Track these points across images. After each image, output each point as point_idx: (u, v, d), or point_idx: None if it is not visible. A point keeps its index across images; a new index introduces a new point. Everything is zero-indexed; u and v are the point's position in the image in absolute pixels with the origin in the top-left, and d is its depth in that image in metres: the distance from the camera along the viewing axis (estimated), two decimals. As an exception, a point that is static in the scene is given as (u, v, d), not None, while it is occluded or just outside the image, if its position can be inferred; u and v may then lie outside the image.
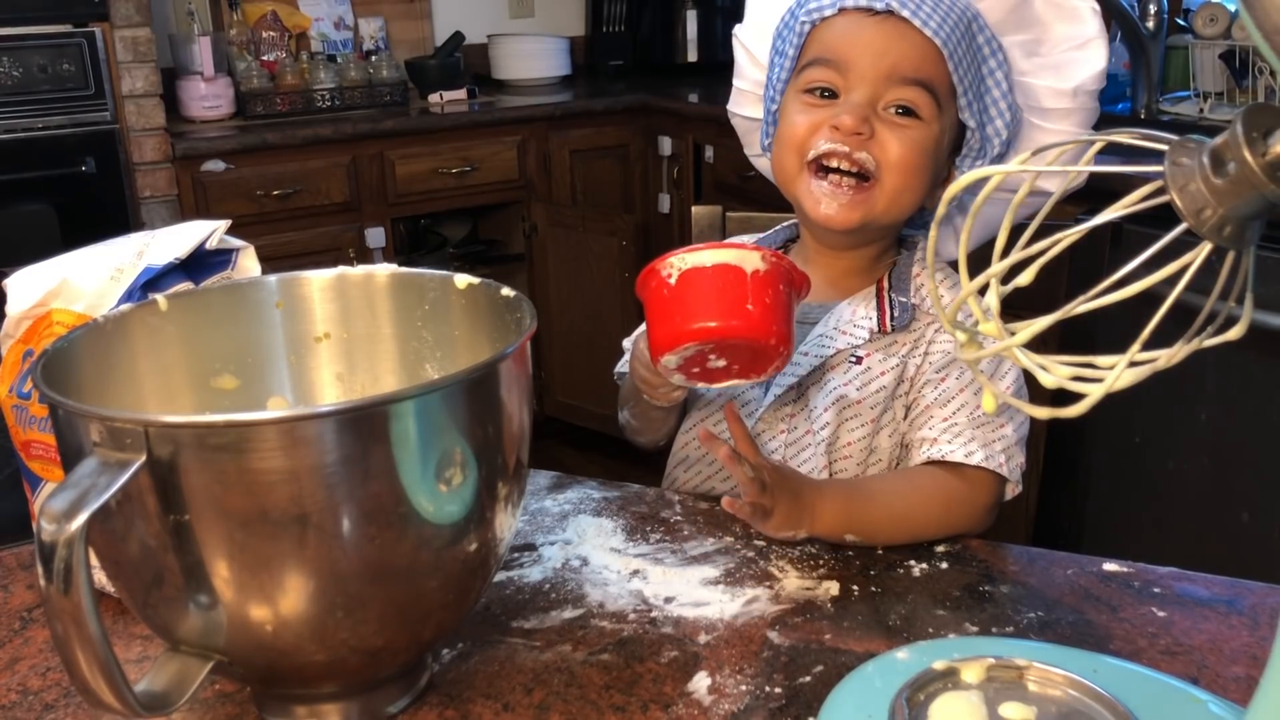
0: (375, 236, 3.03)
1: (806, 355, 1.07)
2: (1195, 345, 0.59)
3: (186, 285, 0.88)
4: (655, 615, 0.87)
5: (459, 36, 3.38)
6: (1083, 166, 0.65)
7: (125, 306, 0.82)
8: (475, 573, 0.73)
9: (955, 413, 1.02)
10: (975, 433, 1.00)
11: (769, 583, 0.91)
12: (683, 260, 0.91)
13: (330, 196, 2.98)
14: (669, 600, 0.89)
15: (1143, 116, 2.50)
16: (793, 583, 0.91)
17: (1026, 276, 0.63)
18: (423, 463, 0.66)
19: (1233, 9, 2.35)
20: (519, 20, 3.78)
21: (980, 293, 0.63)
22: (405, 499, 0.66)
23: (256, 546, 0.64)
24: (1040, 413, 0.62)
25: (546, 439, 3.26)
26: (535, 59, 3.56)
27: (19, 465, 0.90)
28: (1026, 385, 1.06)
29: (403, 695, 0.77)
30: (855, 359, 1.06)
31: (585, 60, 3.82)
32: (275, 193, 2.89)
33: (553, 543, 0.98)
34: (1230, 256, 0.57)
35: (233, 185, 2.85)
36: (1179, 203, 0.54)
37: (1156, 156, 0.57)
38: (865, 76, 1.02)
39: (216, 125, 3.01)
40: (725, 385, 0.96)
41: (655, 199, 3.36)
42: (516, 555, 0.96)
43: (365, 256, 3.00)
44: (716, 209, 1.45)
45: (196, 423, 0.63)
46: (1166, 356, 0.58)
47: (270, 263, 0.92)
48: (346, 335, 0.88)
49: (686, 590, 0.90)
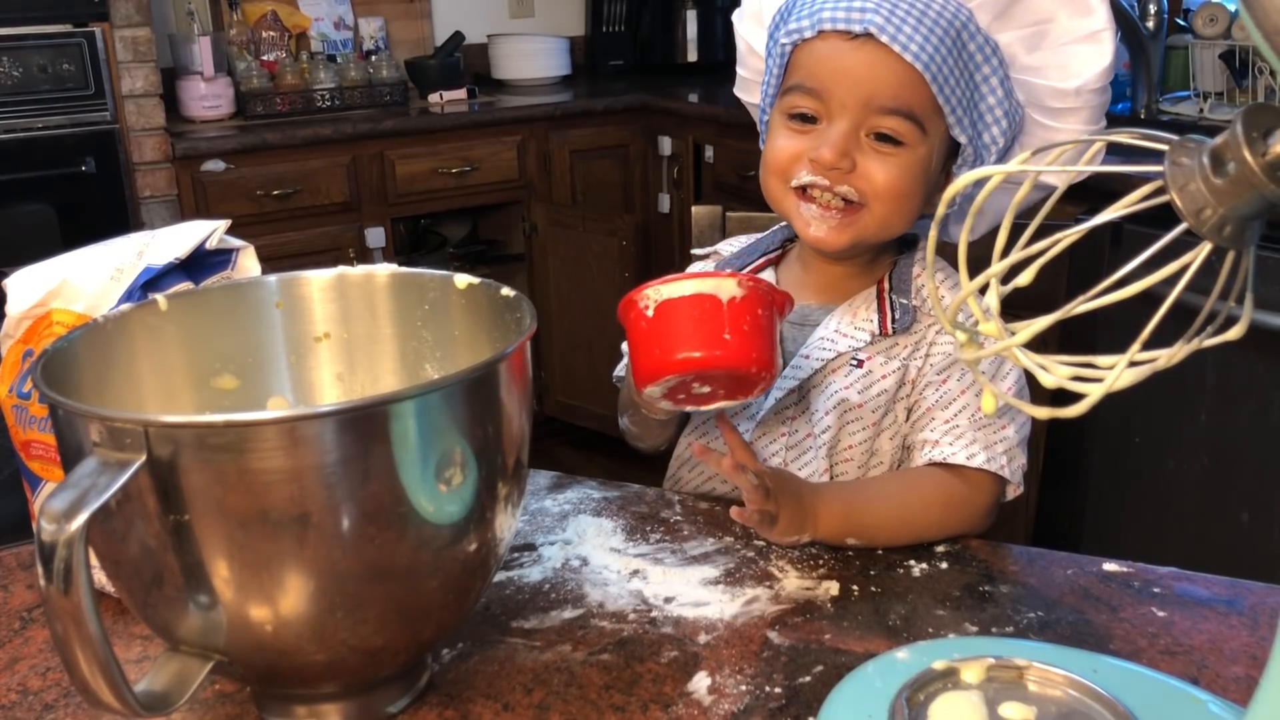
0: (375, 236, 3.03)
1: (807, 359, 1.06)
2: (1195, 345, 0.59)
3: (186, 285, 0.88)
4: (655, 615, 0.87)
5: (459, 36, 3.38)
6: (1083, 166, 0.65)
7: (125, 306, 0.82)
8: (475, 573, 0.73)
9: (957, 414, 1.01)
10: (977, 434, 1.00)
11: (769, 583, 0.91)
12: (658, 292, 0.90)
13: (330, 196, 2.98)
14: (669, 600, 0.89)
15: (1143, 116, 2.50)
16: (793, 583, 0.91)
17: (1026, 276, 0.63)
18: (423, 463, 0.66)
19: (1233, 9, 2.35)
20: (519, 20, 3.78)
21: (980, 293, 0.63)
22: (405, 499, 0.66)
23: (256, 546, 0.64)
24: (1040, 413, 0.62)
25: (546, 439, 3.26)
26: (535, 59, 3.56)
27: (19, 465, 0.90)
28: (1027, 385, 1.05)
29: (402, 695, 0.77)
30: (856, 362, 1.05)
31: (585, 60, 3.82)
32: (275, 193, 2.89)
33: (553, 543, 0.98)
34: (1230, 256, 0.57)
35: (233, 185, 2.85)
36: (1179, 203, 0.54)
37: (1156, 156, 0.57)
38: (845, 105, 0.99)
39: (216, 125, 3.01)
40: (714, 407, 0.96)
41: (655, 199, 3.36)
42: (516, 555, 0.96)
43: (365, 256, 3.00)
44: (717, 209, 1.44)
45: (196, 423, 0.63)
46: (1166, 356, 0.58)
47: (270, 263, 0.92)
48: (346, 335, 0.88)
49: (686, 590, 0.90)
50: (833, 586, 0.90)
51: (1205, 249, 0.56)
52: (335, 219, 3.00)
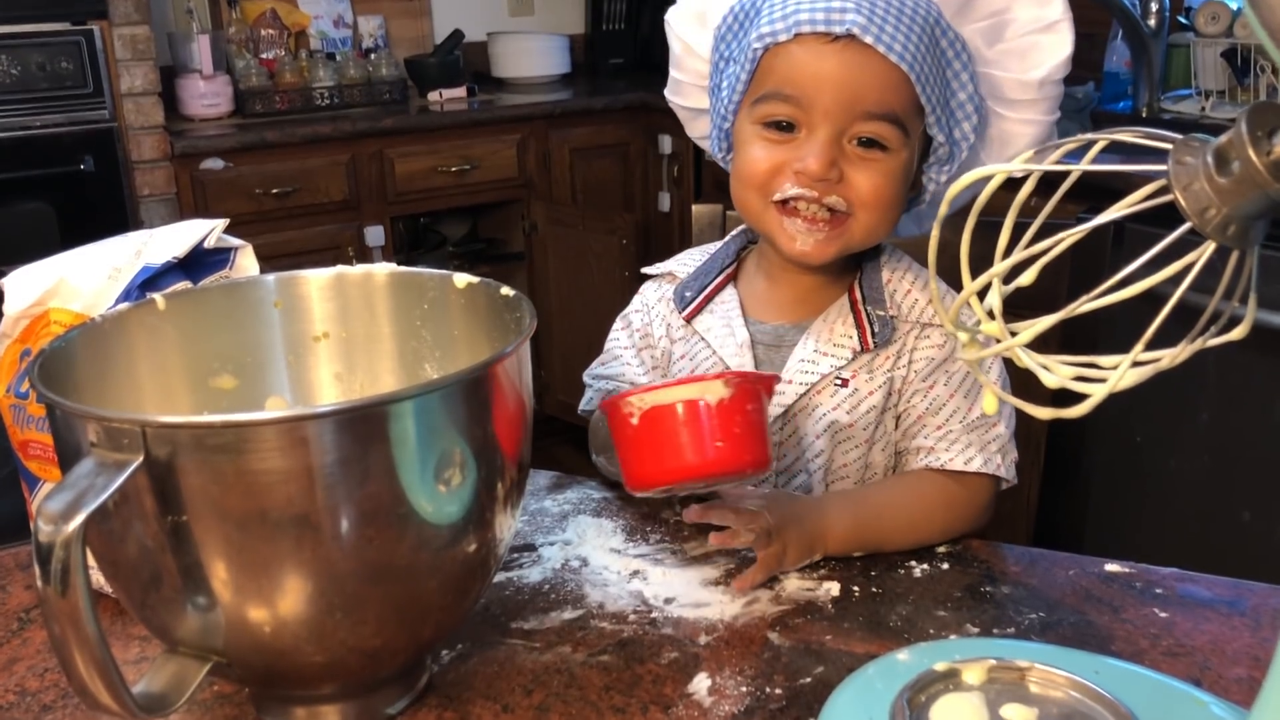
0: (374, 235, 3.02)
1: (790, 383, 1.03)
2: (1199, 345, 0.58)
3: (184, 284, 0.87)
4: (655, 616, 0.87)
5: (458, 34, 3.37)
6: (1085, 165, 0.64)
7: (123, 306, 0.82)
8: (474, 573, 0.73)
9: (948, 420, 1.01)
10: (970, 437, 1.00)
11: (769, 583, 0.91)
12: (642, 400, 0.86)
13: (329, 195, 2.97)
14: (669, 601, 0.89)
15: (1144, 115, 2.50)
16: (793, 583, 0.91)
17: (1028, 277, 0.63)
18: (422, 463, 0.66)
19: (1234, 7, 2.35)
20: (519, 18, 3.78)
21: (981, 293, 0.62)
22: (404, 499, 0.66)
23: (255, 547, 0.64)
24: (1043, 413, 0.61)
25: (547, 438, 3.26)
26: (535, 57, 3.56)
27: (16, 465, 0.90)
28: (1026, 386, 1.05)
29: (402, 696, 0.77)
30: (841, 381, 1.03)
31: (585, 58, 3.81)
32: (274, 191, 2.88)
33: (552, 543, 0.97)
34: (1234, 256, 0.57)
35: (231, 184, 2.85)
36: (1183, 202, 0.54)
37: (1159, 155, 0.57)
38: (829, 112, 0.95)
39: (215, 123, 3.01)
40: (711, 489, 0.94)
41: (655, 197, 3.35)
42: (516, 556, 0.95)
43: (364, 255, 3.00)
44: (717, 207, 1.44)
45: (194, 423, 0.63)
46: (1170, 357, 0.58)
47: (269, 261, 0.92)
48: (345, 335, 0.87)
49: (687, 591, 0.90)
50: (833, 587, 0.90)
51: (1209, 249, 0.55)
52: (334, 218, 3.00)
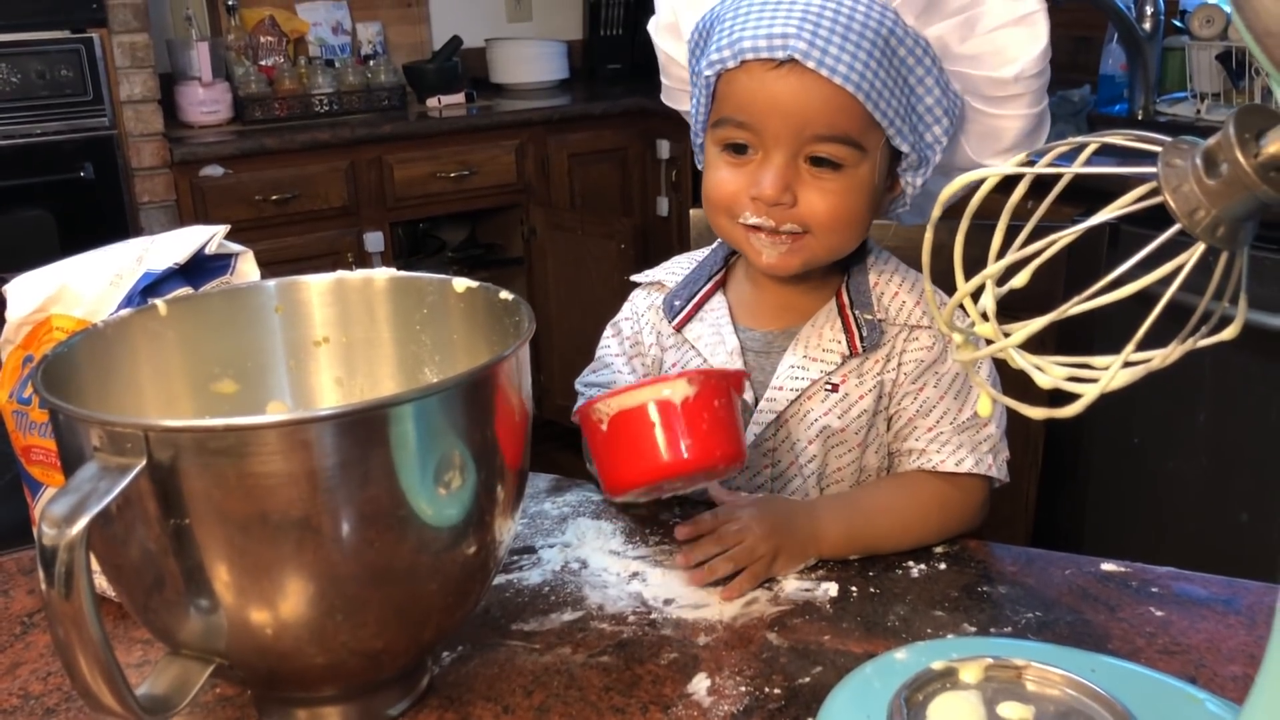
0: (374, 241, 3.03)
1: (780, 390, 1.04)
2: (1189, 345, 0.59)
3: (186, 290, 0.88)
4: (654, 617, 0.87)
5: (457, 40, 3.38)
6: (1077, 168, 0.65)
7: (125, 311, 0.82)
8: (474, 575, 0.73)
9: (939, 421, 1.01)
10: (961, 438, 1.00)
11: (768, 584, 0.91)
12: (608, 406, 0.87)
13: (329, 201, 2.98)
14: (668, 602, 0.89)
15: (1140, 118, 2.50)
16: (791, 584, 0.91)
17: (1021, 278, 0.63)
18: (422, 466, 0.66)
19: (1229, 10, 2.35)
20: (517, 24, 3.79)
21: (976, 295, 0.63)
22: (404, 502, 0.66)
23: (256, 550, 0.64)
24: (1036, 413, 0.62)
25: (546, 441, 3.26)
26: (533, 63, 3.56)
27: (19, 470, 0.90)
28: (1021, 386, 1.05)
29: (403, 698, 0.77)
30: (831, 386, 1.03)
31: (583, 64, 3.82)
32: (274, 197, 2.89)
33: (552, 545, 0.98)
34: (1224, 257, 0.57)
35: (231, 190, 2.86)
36: (1172, 204, 0.55)
37: (1151, 157, 0.57)
38: (779, 137, 0.95)
39: (215, 130, 3.01)
40: (692, 489, 0.95)
41: (654, 202, 3.36)
42: (516, 558, 0.96)
43: (364, 261, 3.00)
44: (714, 212, 1.44)
45: (196, 427, 0.63)
46: (1161, 357, 0.59)
47: (269, 267, 0.93)
48: (345, 339, 0.88)
49: (685, 592, 0.90)
50: (831, 588, 0.91)
51: (1199, 250, 0.56)
52: (334, 223, 3.00)
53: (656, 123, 3.27)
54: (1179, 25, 2.53)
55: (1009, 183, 0.63)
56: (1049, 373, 0.61)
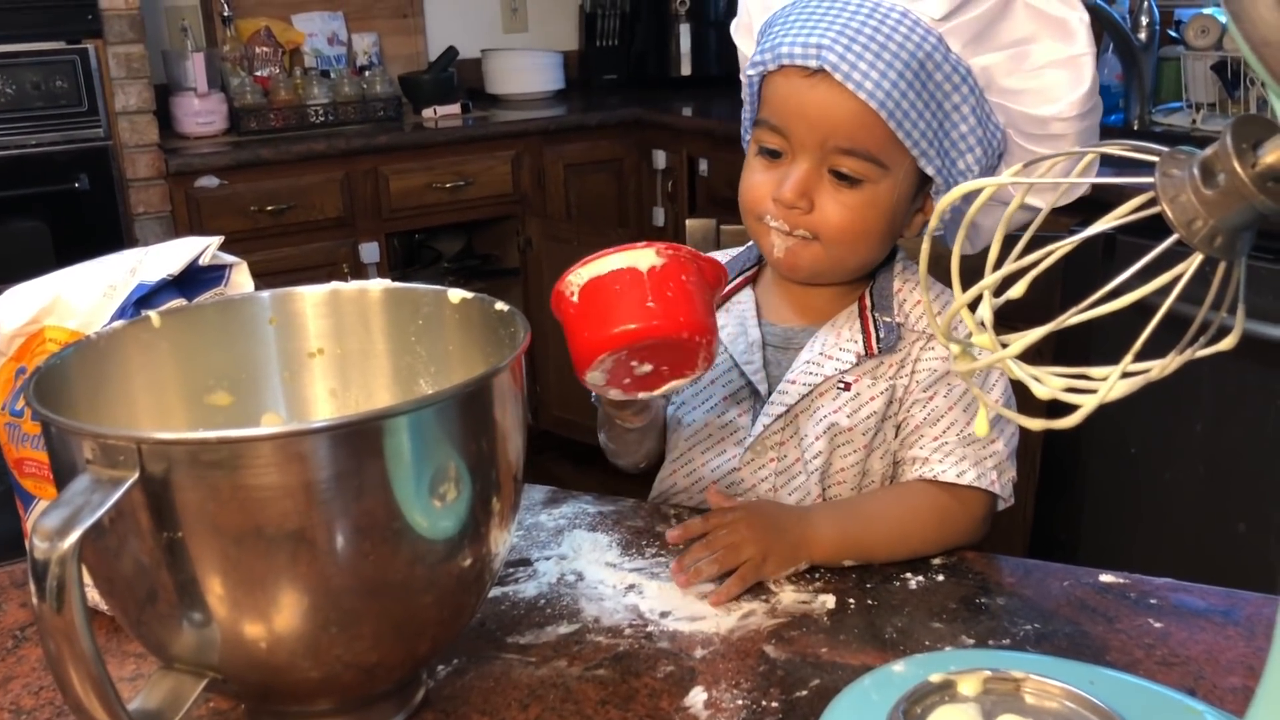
0: (369, 252, 3.03)
1: (794, 383, 1.05)
2: (1188, 356, 0.59)
3: (179, 302, 0.88)
4: (651, 630, 0.87)
5: (453, 51, 3.38)
6: (1074, 179, 0.65)
7: (118, 323, 0.82)
8: (470, 588, 0.73)
9: (945, 431, 1.01)
10: (966, 450, 1.00)
11: (765, 596, 0.91)
12: (579, 275, 0.88)
13: (324, 212, 2.97)
14: (665, 615, 0.89)
15: (1135, 128, 2.51)
16: (788, 596, 0.91)
17: (1019, 289, 0.63)
18: (417, 478, 0.66)
19: (1224, 21, 2.36)
20: (513, 35, 3.79)
21: (973, 305, 0.63)
22: (399, 515, 0.66)
23: (250, 563, 0.64)
24: (1034, 424, 0.62)
25: (542, 453, 3.25)
26: (529, 73, 3.57)
27: (11, 483, 0.90)
28: (1018, 396, 1.05)
29: (398, 712, 0.77)
30: (843, 385, 1.04)
31: (579, 74, 3.82)
32: (269, 208, 2.88)
33: (548, 558, 0.98)
34: (1222, 267, 0.57)
35: (226, 201, 2.85)
36: (1170, 214, 0.55)
37: (1148, 167, 0.57)
38: (805, 144, 0.98)
39: (210, 141, 3.01)
40: (665, 389, 0.93)
41: (649, 212, 3.36)
42: (511, 570, 0.95)
43: (359, 272, 3.00)
44: (710, 222, 1.45)
45: (189, 439, 0.63)
46: (1159, 367, 0.59)
47: (264, 278, 0.92)
48: (340, 351, 0.88)
49: (682, 605, 0.90)
50: (829, 600, 0.90)
51: (1197, 260, 0.56)
52: (329, 234, 3.00)
53: (652, 133, 3.27)
54: (1174, 35, 2.54)
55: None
56: (1047, 383, 0.61)
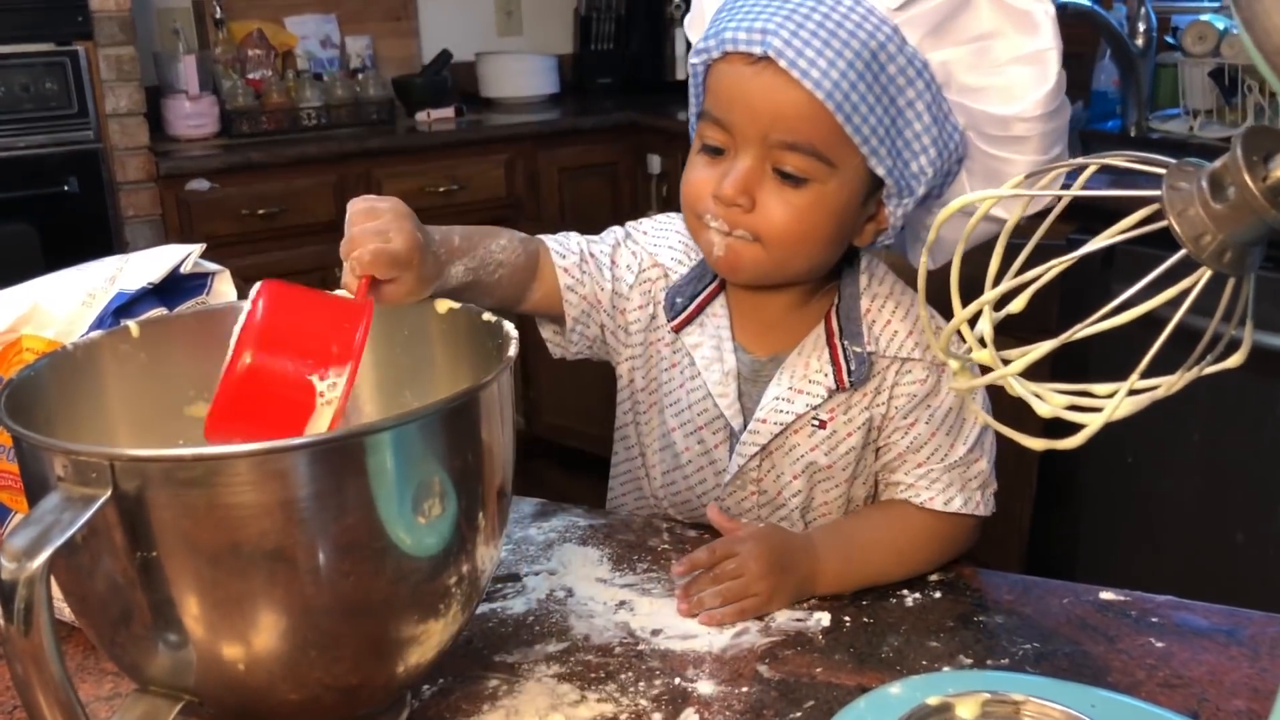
0: (362, 256, 3.00)
1: (765, 422, 1.00)
2: (1195, 374, 0.57)
3: (159, 311, 0.86)
4: (642, 648, 0.85)
5: (446, 54, 3.36)
6: (1076, 191, 0.63)
7: (96, 333, 0.80)
8: (456, 606, 0.71)
9: (929, 458, 0.99)
10: (951, 476, 0.98)
11: (759, 614, 0.89)
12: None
13: (316, 216, 2.95)
14: (656, 633, 0.87)
15: (1132, 134, 2.50)
16: (783, 614, 0.89)
17: (1018, 304, 0.61)
18: (400, 495, 0.64)
19: (1221, 27, 2.35)
20: (507, 38, 3.77)
21: (971, 319, 0.61)
22: (382, 532, 0.64)
23: (227, 583, 0.62)
24: (1035, 444, 0.60)
25: (535, 459, 3.23)
26: (523, 77, 3.55)
27: (-12, 496, 0.88)
28: (1018, 413, 1.03)
29: (381, 733, 0.75)
30: (818, 422, 1.00)
31: (573, 78, 3.80)
32: (260, 212, 2.86)
33: (537, 573, 0.96)
34: (1231, 282, 0.55)
35: (218, 205, 2.83)
36: (1177, 228, 0.53)
37: (1151, 177, 0.55)
38: (748, 138, 0.91)
39: (201, 144, 2.99)
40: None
41: (644, 217, 3.34)
42: (499, 586, 0.93)
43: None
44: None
45: (164, 456, 0.61)
46: (1167, 385, 0.57)
47: (254, 283, 0.90)
48: (324, 361, 0.85)
49: (674, 622, 0.88)
50: (824, 618, 0.88)
51: (1205, 274, 0.54)
52: (321, 238, 2.97)
53: (647, 137, 3.25)
54: (1171, 42, 2.53)
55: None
56: (1049, 401, 0.59)
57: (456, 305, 0.81)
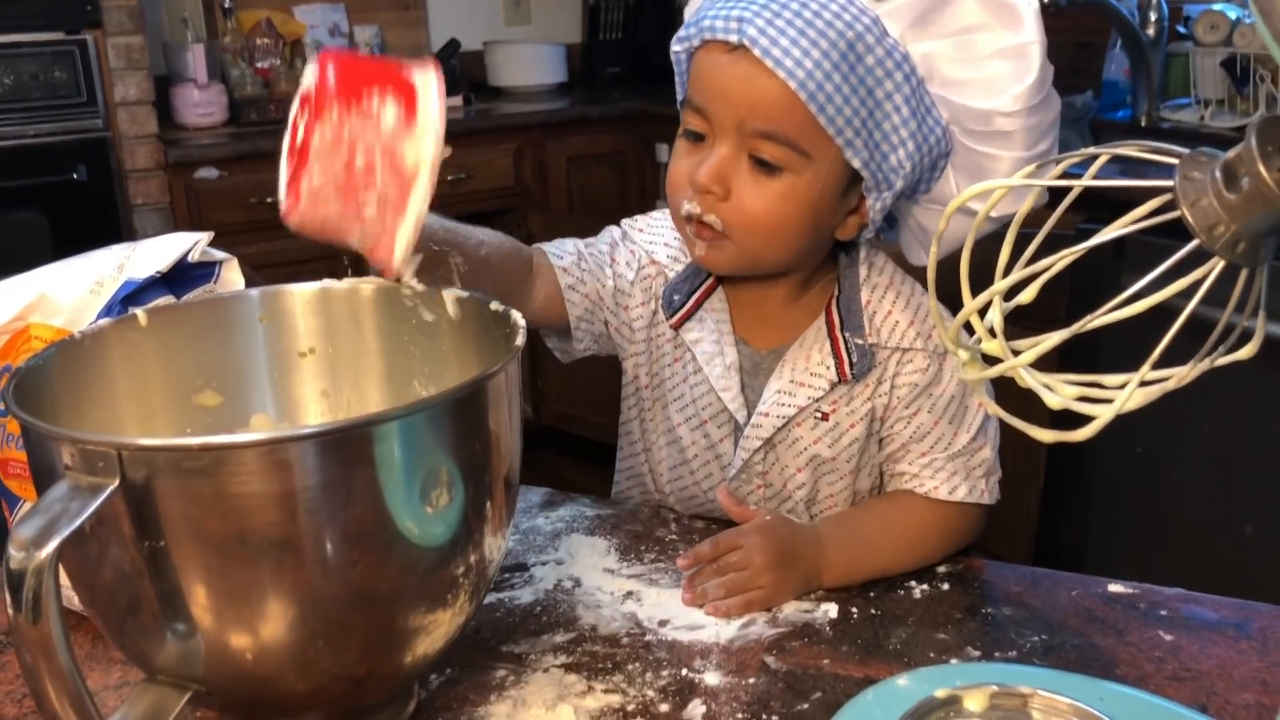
0: (370, 244, 3.00)
1: (767, 416, 1.00)
2: (1207, 365, 0.57)
3: (168, 299, 0.86)
4: (649, 639, 0.85)
5: (455, 43, 3.36)
6: (1087, 181, 0.63)
7: (103, 322, 0.80)
8: (463, 597, 0.71)
9: (932, 448, 0.98)
10: (954, 465, 0.98)
11: (766, 606, 0.89)
12: None
13: (324, 204, 2.95)
14: (663, 623, 0.87)
15: (1143, 124, 2.49)
16: (790, 605, 0.89)
17: (1028, 294, 0.61)
18: (408, 485, 0.64)
19: (1233, 17, 2.34)
20: (515, 27, 3.76)
21: (981, 311, 0.61)
22: (390, 522, 0.64)
23: (235, 573, 0.62)
24: (1046, 436, 0.60)
25: (543, 449, 3.24)
26: (531, 66, 3.54)
27: (-4, 484, 0.88)
28: (1026, 404, 1.02)
29: (388, 723, 0.75)
30: (821, 414, 1.00)
31: (582, 67, 3.80)
32: (269, 200, 2.85)
33: (544, 563, 0.95)
34: (1244, 273, 0.55)
35: (226, 193, 2.83)
36: (1190, 219, 0.53)
37: (1162, 168, 0.55)
38: (724, 126, 0.91)
39: (210, 132, 2.99)
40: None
41: (652, 206, 3.32)
42: (507, 576, 0.93)
43: (359, 265, 2.98)
44: (713, 219, 1.42)
45: (172, 445, 0.61)
46: (1178, 377, 0.57)
47: (263, 271, 0.90)
48: (331, 350, 0.86)
49: (681, 613, 0.88)
50: (831, 609, 0.88)
51: (1218, 265, 0.54)
52: (330, 227, 2.98)
53: (655, 126, 3.25)
54: (1183, 31, 2.51)
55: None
56: (1060, 392, 0.59)
57: (465, 294, 0.81)
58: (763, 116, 0.89)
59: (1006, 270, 0.61)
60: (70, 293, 0.86)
